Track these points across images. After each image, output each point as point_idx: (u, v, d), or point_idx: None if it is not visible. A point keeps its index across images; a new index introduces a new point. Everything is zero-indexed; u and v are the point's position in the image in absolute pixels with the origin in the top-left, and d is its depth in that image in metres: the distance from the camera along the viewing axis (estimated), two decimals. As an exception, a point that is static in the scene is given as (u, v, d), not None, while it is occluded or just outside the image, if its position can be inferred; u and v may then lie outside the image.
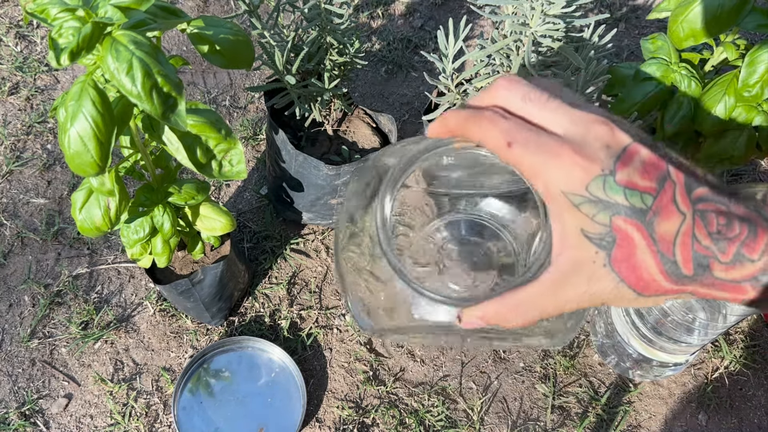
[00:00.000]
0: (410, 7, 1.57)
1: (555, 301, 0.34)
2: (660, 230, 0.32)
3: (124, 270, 1.17)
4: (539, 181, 0.33)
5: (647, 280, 0.33)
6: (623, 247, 0.32)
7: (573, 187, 0.32)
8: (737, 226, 0.32)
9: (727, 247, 0.32)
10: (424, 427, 1.04)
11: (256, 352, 1.07)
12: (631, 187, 0.32)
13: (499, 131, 0.33)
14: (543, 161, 0.32)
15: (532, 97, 0.33)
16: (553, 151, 0.32)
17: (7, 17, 1.49)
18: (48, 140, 1.31)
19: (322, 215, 1.16)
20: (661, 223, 0.32)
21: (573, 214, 0.32)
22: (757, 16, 0.85)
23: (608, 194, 0.32)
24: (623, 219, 0.32)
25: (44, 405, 1.04)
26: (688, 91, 0.91)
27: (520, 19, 0.83)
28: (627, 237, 0.32)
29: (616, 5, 1.59)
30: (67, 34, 0.54)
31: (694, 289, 0.33)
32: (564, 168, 0.32)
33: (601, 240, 0.32)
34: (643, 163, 0.32)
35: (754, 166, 1.34)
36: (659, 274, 0.32)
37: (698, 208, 0.32)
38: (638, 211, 0.32)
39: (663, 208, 0.32)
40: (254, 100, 1.39)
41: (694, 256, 0.32)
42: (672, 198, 0.32)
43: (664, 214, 0.32)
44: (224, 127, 0.72)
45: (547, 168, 0.32)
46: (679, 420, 1.07)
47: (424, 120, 1.05)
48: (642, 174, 0.32)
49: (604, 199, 0.32)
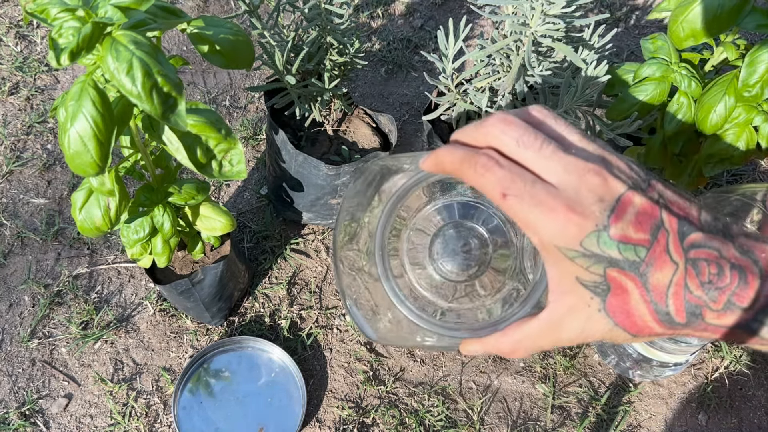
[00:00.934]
0: (410, 7, 1.57)
1: (551, 340, 0.36)
2: (653, 281, 0.33)
3: (124, 270, 1.17)
4: (534, 234, 0.33)
5: (641, 325, 0.34)
6: (617, 295, 0.33)
7: (567, 243, 0.33)
8: (728, 275, 0.33)
9: (719, 296, 0.33)
10: (424, 427, 1.04)
11: (256, 352, 1.07)
12: (624, 241, 0.33)
13: (495, 180, 0.33)
14: (537, 215, 0.32)
15: (526, 141, 0.33)
16: (548, 205, 0.32)
17: (7, 17, 1.49)
18: (48, 140, 1.31)
19: (322, 215, 1.16)
20: (654, 273, 0.33)
21: (569, 266, 0.33)
22: (757, 16, 0.85)
23: (602, 249, 0.33)
24: (617, 271, 0.33)
25: (44, 405, 1.04)
26: (688, 91, 0.91)
27: (520, 19, 0.83)
28: (621, 286, 0.33)
29: (616, 5, 1.59)
30: (67, 34, 0.54)
31: (687, 333, 0.34)
32: (558, 223, 0.32)
33: (596, 287, 0.34)
34: (636, 214, 0.33)
35: (754, 166, 1.34)
36: (653, 321, 0.34)
37: (690, 257, 0.33)
38: (632, 264, 0.33)
39: (656, 258, 0.33)
40: (254, 100, 1.39)
41: (687, 305, 0.33)
42: (665, 248, 0.33)
43: (657, 264, 0.33)
44: (224, 127, 0.72)
45: (542, 223, 0.33)
46: (679, 420, 1.07)
47: (424, 120, 1.05)
48: (635, 226, 0.33)
49: (598, 253, 0.33)
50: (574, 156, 0.33)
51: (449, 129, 1.11)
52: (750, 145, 0.90)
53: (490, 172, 0.33)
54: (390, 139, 1.10)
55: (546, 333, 0.36)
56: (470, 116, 1.03)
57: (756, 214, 0.78)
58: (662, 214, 0.33)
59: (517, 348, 0.37)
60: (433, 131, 1.06)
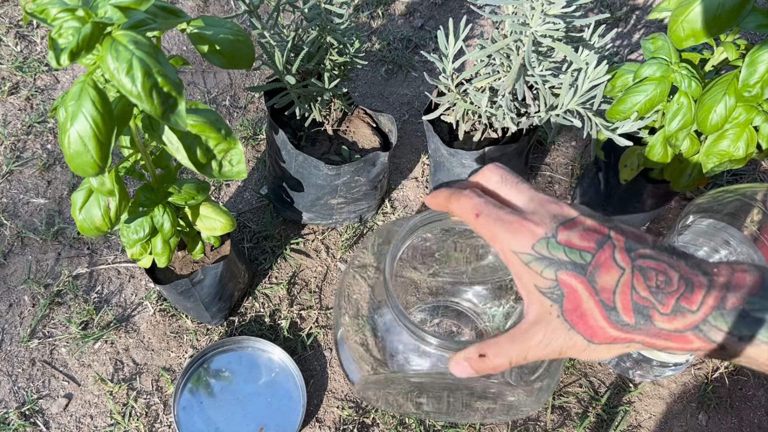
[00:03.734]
0: (410, 7, 1.57)
1: (519, 350, 0.39)
2: (600, 281, 0.36)
3: (124, 270, 1.17)
4: (497, 244, 0.39)
5: (594, 326, 0.36)
6: (570, 299, 0.37)
7: (521, 248, 0.38)
8: (676, 283, 0.35)
9: (666, 299, 0.35)
10: (424, 427, 1.04)
11: (256, 352, 1.07)
12: (570, 246, 0.37)
13: (471, 205, 0.40)
14: (499, 227, 0.39)
15: (507, 179, 0.41)
16: (509, 219, 0.39)
17: (7, 17, 1.49)
18: (48, 140, 1.31)
19: (322, 215, 1.16)
20: (601, 276, 0.36)
21: (527, 273, 0.38)
22: (758, 16, 0.85)
23: (551, 252, 0.37)
24: (566, 273, 0.36)
25: (44, 405, 1.04)
26: (688, 91, 0.91)
27: (520, 19, 0.83)
28: (572, 289, 0.36)
29: (616, 5, 1.59)
30: (66, 34, 0.54)
31: (641, 339, 0.36)
32: (515, 232, 0.38)
33: (552, 293, 0.37)
34: (584, 229, 0.37)
35: (754, 166, 1.34)
36: (603, 320, 0.36)
37: (637, 264, 0.36)
38: (579, 266, 0.36)
39: (602, 263, 0.36)
40: (254, 100, 1.39)
41: (634, 305, 0.36)
42: (611, 255, 0.36)
43: (603, 268, 0.36)
44: (224, 126, 0.72)
45: (502, 233, 0.39)
46: (679, 420, 1.07)
47: (425, 120, 1.05)
48: (581, 236, 0.37)
49: (548, 256, 0.37)
50: (544, 194, 0.40)
51: (449, 129, 1.11)
52: (750, 145, 0.90)
53: (469, 200, 0.41)
54: (390, 139, 1.10)
55: (516, 342, 0.39)
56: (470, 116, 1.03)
57: (756, 214, 0.78)
58: (611, 232, 0.37)
59: (494, 356, 0.40)
60: (434, 131, 1.06)
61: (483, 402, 0.79)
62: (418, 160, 1.33)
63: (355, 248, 1.21)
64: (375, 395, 0.81)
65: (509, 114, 0.94)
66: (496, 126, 1.01)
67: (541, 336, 0.38)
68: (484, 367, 0.40)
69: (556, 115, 0.93)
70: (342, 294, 0.71)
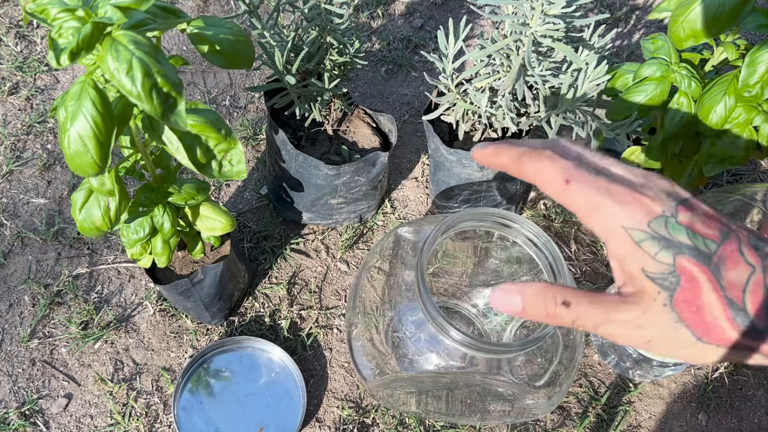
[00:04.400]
0: (410, 7, 1.57)
1: (596, 316, 0.33)
2: (728, 276, 0.31)
3: (124, 270, 1.17)
4: (597, 217, 0.32)
5: (710, 324, 0.31)
6: (686, 289, 0.31)
7: (634, 223, 0.31)
8: None
9: None
10: (424, 427, 1.04)
11: (256, 352, 1.07)
12: (693, 230, 0.31)
13: (559, 169, 0.32)
14: (602, 197, 0.31)
15: (587, 153, 0.34)
16: (617, 190, 0.31)
17: (7, 17, 1.49)
18: (48, 140, 1.31)
19: (322, 215, 1.16)
20: (728, 270, 0.31)
21: (635, 253, 0.31)
22: (758, 16, 0.85)
23: (671, 233, 0.31)
24: (687, 259, 0.31)
25: (44, 405, 1.04)
26: (688, 91, 0.91)
27: (520, 19, 0.83)
28: (692, 278, 0.31)
29: (616, 5, 1.59)
30: (66, 34, 0.54)
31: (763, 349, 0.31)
32: (625, 205, 0.31)
33: (665, 279, 0.31)
34: (705, 214, 0.31)
35: (754, 166, 1.34)
36: (725, 320, 0.31)
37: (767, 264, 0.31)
38: (703, 255, 0.31)
39: (729, 256, 0.31)
40: (254, 100, 1.39)
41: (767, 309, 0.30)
42: (737, 248, 0.31)
43: (730, 262, 0.31)
44: (224, 126, 0.72)
45: (610, 204, 0.31)
46: (679, 420, 1.07)
47: (424, 120, 1.05)
48: (704, 222, 0.31)
49: (667, 237, 0.31)
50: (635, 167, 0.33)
51: (449, 129, 1.11)
52: (750, 145, 0.90)
53: (554, 162, 0.33)
54: (390, 139, 1.10)
55: (596, 307, 0.33)
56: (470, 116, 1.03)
57: (756, 214, 0.78)
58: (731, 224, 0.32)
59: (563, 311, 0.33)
60: (434, 131, 1.06)
61: (497, 404, 0.79)
62: (418, 160, 1.33)
63: (355, 248, 1.21)
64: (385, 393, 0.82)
65: (509, 114, 0.94)
66: (496, 126, 1.01)
67: (632, 317, 0.32)
68: (552, 313, 0.33)
69: (556, 116, 0.93)
70: (356, 295, 0.71)
